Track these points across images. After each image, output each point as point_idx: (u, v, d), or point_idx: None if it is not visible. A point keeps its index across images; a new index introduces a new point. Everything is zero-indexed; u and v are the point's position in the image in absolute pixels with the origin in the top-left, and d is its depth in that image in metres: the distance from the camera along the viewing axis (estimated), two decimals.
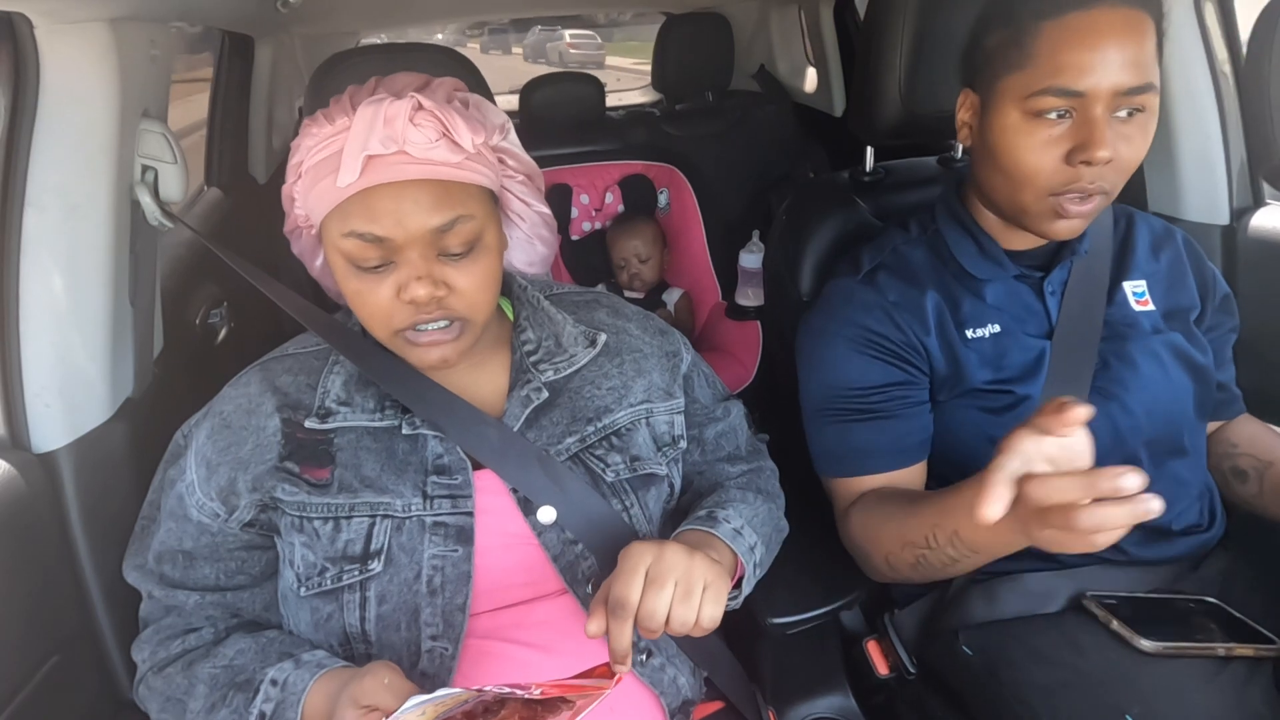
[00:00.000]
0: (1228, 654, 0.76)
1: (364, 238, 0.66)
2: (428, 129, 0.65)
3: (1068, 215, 0.79)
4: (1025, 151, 0.78)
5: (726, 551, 0.75)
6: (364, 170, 0.64)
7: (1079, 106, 0.75)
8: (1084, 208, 0.78)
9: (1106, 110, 0.74)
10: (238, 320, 1.36)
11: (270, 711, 0.66)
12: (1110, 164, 0.75)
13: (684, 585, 0.63)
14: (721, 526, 0.76)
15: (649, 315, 0.89)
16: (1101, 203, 0.79)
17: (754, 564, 0.79)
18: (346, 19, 2.22)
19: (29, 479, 0.76)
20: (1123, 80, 0.73)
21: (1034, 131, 0.77)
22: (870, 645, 0.94)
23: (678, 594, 0.63)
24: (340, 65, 0.94)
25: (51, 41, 0.76)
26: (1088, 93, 0.74)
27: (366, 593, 0.69)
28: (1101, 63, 0.73)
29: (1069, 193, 0.77)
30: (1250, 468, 0.93)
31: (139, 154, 0.86)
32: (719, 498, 0.82)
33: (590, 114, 2.07)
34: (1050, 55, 0.75)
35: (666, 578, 0.63)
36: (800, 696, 0.88)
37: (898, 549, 0.80)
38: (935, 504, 0.77)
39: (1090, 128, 0.74)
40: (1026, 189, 0.79)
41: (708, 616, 0.64)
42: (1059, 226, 0.80)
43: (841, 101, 2.20)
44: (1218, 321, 0.94)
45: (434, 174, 0.66)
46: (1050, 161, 0.77)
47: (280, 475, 0.71)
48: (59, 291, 0.80)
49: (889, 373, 0.87)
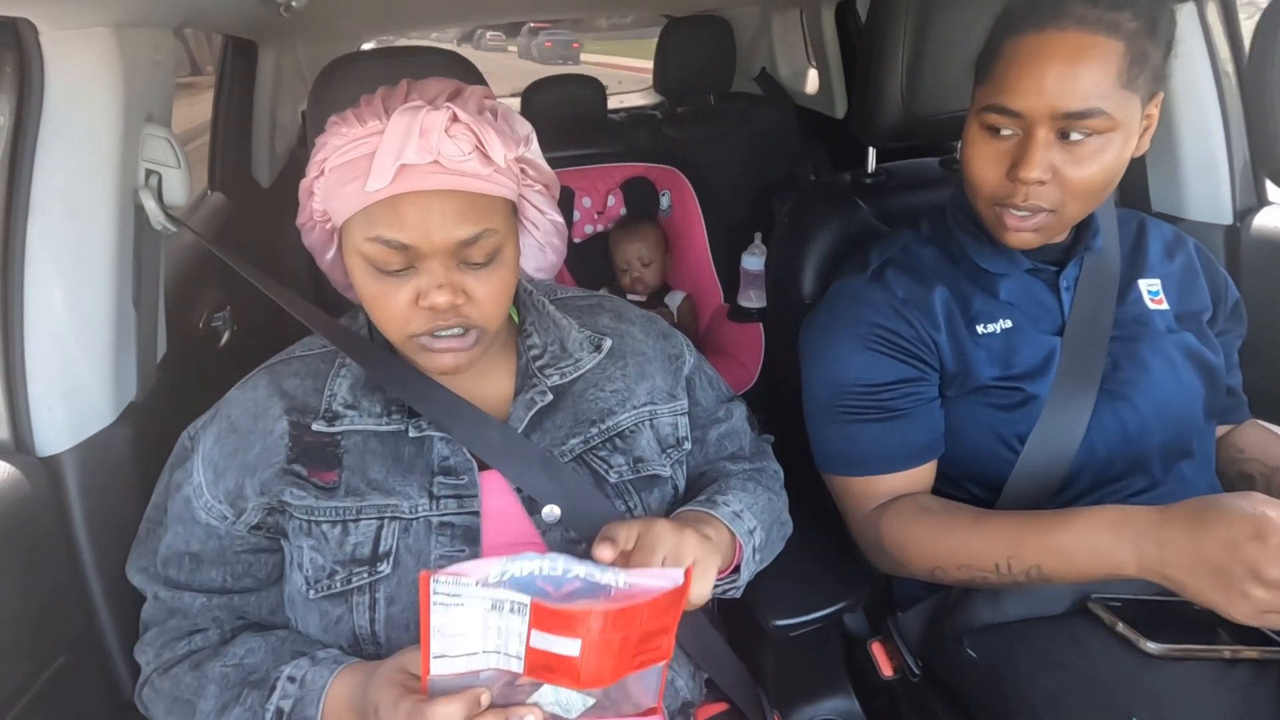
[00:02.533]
0: (1234, 656, 0.76)
1: (389, 244, 0.65)
2: (462, 141, 0.65)
3: (1008, 227, 0.81)
4: (974, 162, 0.81)
5: (724, 531, 0.75)
6: (394, 177, 0.64)
7: (1021, 126, 0.77)
8: (1025, 223, 0.80)
9: (1050, 132, 0.75)
10: (241, 324, 1.37)
11: (289, 709, 0.66)
12: (1051, 185, 0.77)
13: (673, 558, 0.64)
14: (721, 509, 0.76)
15: (652, 318, 0.89)
16: (1047, 220, 0.80)
17: (753, 548, 0.78)
18: (349, 24, 2.22)
19: (33, 482, 0.76)
20: (1061, 104, 0.74)
21: (984, 144, 0.80)
22: (875, 647, 0.94)
23: (666, 564, 0.63)
24: (343, 69, 0.94)
25: (56, 47, 0.77)
26: (1024, 114, 0.76)
27: (376, 594, 0.69)
28: (1037, 86, 0.74)
29: (1009, 206, 0.80)
30: (1257, 473, 0.93)
31: (143, 158, 0.86)
32: (720, 485, 0.82)
33: (592, 116, 2.07)
34: (1002, 73, 0.77)
35: (656, 548, 0.63)
36: (804, 698, 0.88)
37: (952, 567, 0.81)
38: (1011, 533, 0.77)
39: (1025, 148, 0.76)
40: (977, 197, 0.83)
41: (696, 592, 0.64)
42: (1007, 236, 0.82)
43: (843, 104, 2.20)
44: (1228, 327, 0.95)
45: (464, 185, 0.66)
46: (994, 175, 0.80)
47: (288, 479, 0.71)
48: (63, 295, 0.80)
49: (899, 370, 0.87)
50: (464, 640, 0.55)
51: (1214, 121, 1.21)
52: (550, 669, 0.56)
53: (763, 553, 0.82)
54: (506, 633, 0.55)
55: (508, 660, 0.56)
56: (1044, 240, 0.83)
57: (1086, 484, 0.85)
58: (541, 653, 0.55)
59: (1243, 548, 0.63)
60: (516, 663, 0.56)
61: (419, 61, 0.92)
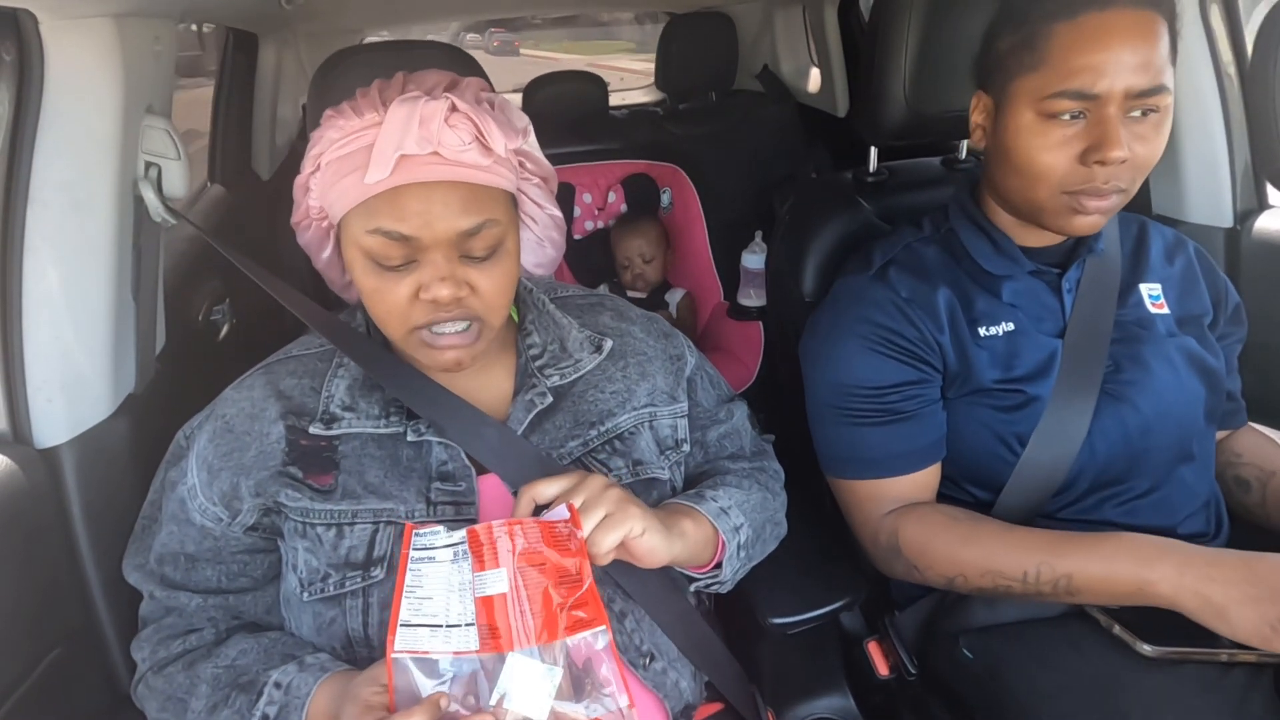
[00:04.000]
0: (1230, 660, 0.76)
1: (390, 236, 0.65)
2: (462, 131, 0.65)
3: (1086, 211, 0.79)
4: (1040, 151, 0.78)
5: (706, 525, 0.75)
6: (394, 169, 0.64)
7: (1093, 108, 0.75)
8: (1102, 203, 0.78)
9: (1120, 111, 0.75)
10: (240, 317, 1.36)
11: (274, 714, 0.66)
12: (1125, 163, 0.76)
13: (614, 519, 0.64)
14: (708, 504, 0.76)
15: (653, 318, 0.89)
16: (1119, 200, 0.79)
17: (738, 544, 0.78)
18: (350, 16, 2.22)
19: (31, 474, 0.76)
20: (1136, 82, 0.73)
21: (1048, 132, 0.77)
22: (871, 646, 0.94)
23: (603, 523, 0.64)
24: (343, 62, 0.93)
25: (56, 37, 0.76)
26: (1102, 95, 0.74)
27: (369, 599, 0.69)
28: (1115, 65, 0.73)
29: (1083, 192, 0.78)
30: (1253, 478, 0.93)
31: (142, 150, 0.86)
32: (713, 481, 0.82)
33: (593, 113, 2.07)
34: (1063, 58, 0.75)
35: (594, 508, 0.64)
36: (800, 697, 0.88)
37: (975, 574, 0.81)
38: (1043, 543, 0.78)
39: (1104, 129, 0.75)
40: (1041, 187, 0.80)
41: (596, 541, 0.63)
42: (1078, 222, 0.80)
43: (845, 102, 2.20)
44: (1228, 331, 0.95)
45: (464, 176, 0.65)
46: (1065, 161, 0.77)
47: (284, 480, 0.70)
48: (62, 287, 0.80)
49: (903, 372, 0.86)
50: (431, 604, 0.60)
51: (1215, 124, 1.20)
52: (494, 629, 0.60)
53: (751, 550, 0.81)
54: (463, 590, 0.61)
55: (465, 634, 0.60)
56: (1105, 221, 0.82)
57: (1086, 486, 0.85)
58: (484, 602, 0.61)
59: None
60: (471, 632, 0.60)
61: (419, 55, 0.92)
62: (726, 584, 0.80)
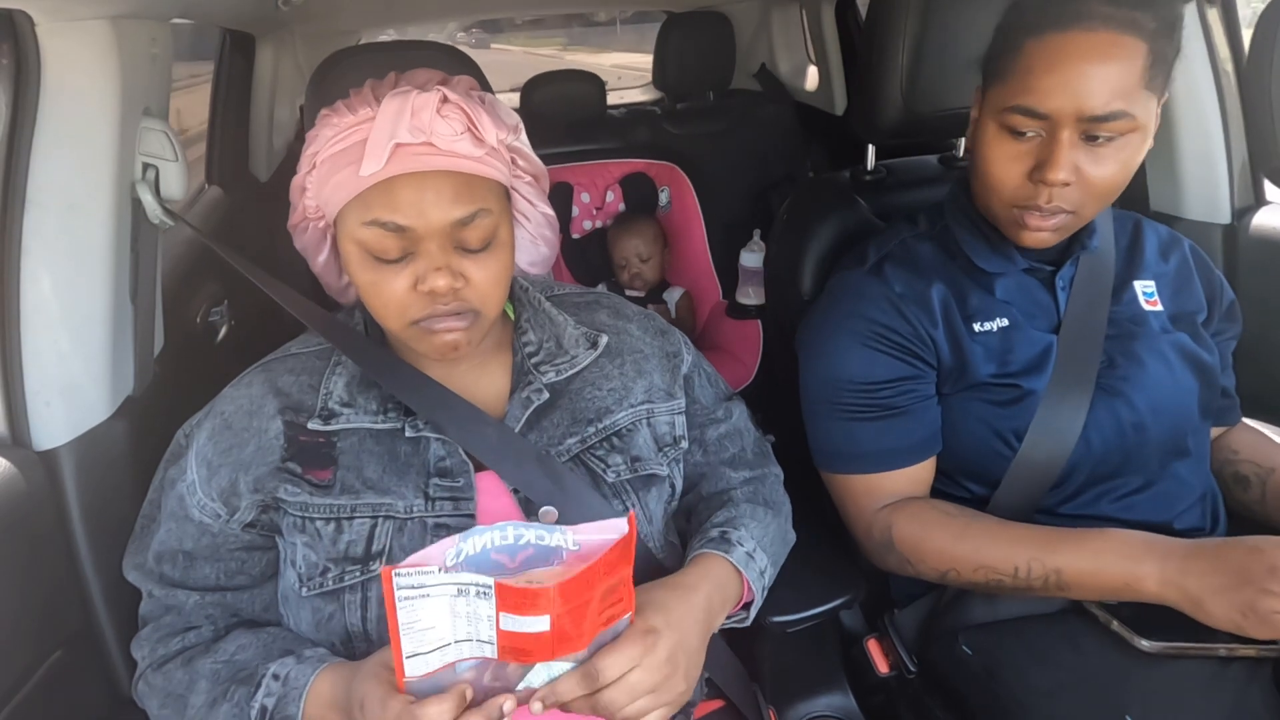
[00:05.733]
0: (1229, 654, 0.76)
1: (385, 226, 0.66)
2: (454, 121, 0.66)
3: (1028, 227, 0.80)
4: (993, 163, 0.80)
5: (735, 580, 0.75)
6: (388, 159, 0.64)
7: (1046, 128, 0.76)
8: (1045, 223, 0.80)
9: (1074, 133, 0.75)
10: (238, 319, 1.36)
11: (272, 706, 0.66)
12: (1073, 186, 0.76)
13: (651, 700, 0.61)
14: (735, 550, 0.76)
15: (650, 315, 0.89)
16: (1066, 220, 0.80)
17: (762, 588, 0.79)
18: (347, 17, 2.22)
19: (29, 477, 0.76)
20: (1088, 106, 0.73)
21: (1004, 145, 0.79)
22: (871, 644, 0.94)
23: (633, 706, 0.60)
24: (341, 63, 0.93)
25: (53, 39, 0.76)
26: (1051, 115, 0.74)
27: (368, 593, 0.69)
28: (1065, 87, 0.73)
29: (1030, 208, 0.79)
30: (1252, 474, 0.93)
31: (140, 152, 0.86)
32: (730, 515, 0.80)
33: (591, 112, 2.07)
34: (1024, 74, 0.76)
35: (641, 687, 0.60)
36: (800, 695, 0.88)
37: (968, 569, 0.81)
38: (1034, 539, 0.79)
39: (1050, 149, 0.75)
40: (993, 197, 0.82)
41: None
42: (1024, 236, 0.82)
43: (843, 100, 2.20)
44: (1223, 328, 0.95)
45: (457, 166, 0.66)
46: (1014, 176, 0.79)
47: (282, 476, 0.71)
48: (60, 289, 0.80)
49: (896, 368, 0.87)
50: (435, 633, 0.54)
51: (1213, 121, 1.20)
52: (525, 650, 0.56)
53: (768, 582, 0.81)
54: (476, 618, 0.55)
55: (480, 647, 0.56)
56: (1058, 240, 0.83)
57: (1082, 480, 0.85)
58: (513, 634, 0.55)
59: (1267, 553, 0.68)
60: (490, 648, 0.56)
61: (416, 55, 0.92)
62: (749, 622, 0.80)
